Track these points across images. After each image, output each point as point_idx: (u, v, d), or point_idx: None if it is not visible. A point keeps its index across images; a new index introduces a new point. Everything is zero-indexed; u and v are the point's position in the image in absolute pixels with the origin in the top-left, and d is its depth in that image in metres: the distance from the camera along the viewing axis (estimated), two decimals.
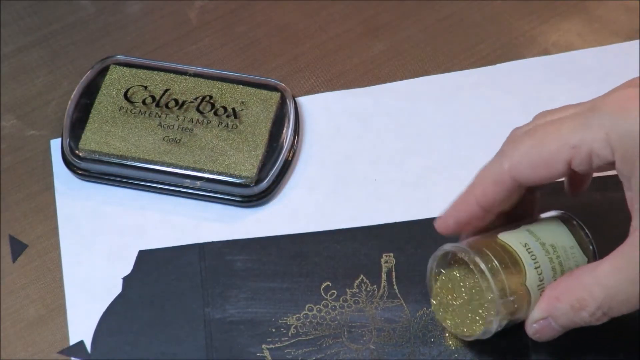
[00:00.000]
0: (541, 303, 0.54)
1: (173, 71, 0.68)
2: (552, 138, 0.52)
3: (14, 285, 0.62)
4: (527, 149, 0.53)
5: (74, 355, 0.59)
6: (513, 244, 0.55)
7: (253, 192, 0.64)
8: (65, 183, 0.66)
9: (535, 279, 0.55)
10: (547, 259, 0.55)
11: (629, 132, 0.49)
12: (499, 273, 0.54)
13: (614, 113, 0.50)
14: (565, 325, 0.54)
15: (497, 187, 0.54)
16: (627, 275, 0.51)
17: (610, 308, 0.52)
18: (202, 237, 0.63)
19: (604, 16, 0.73)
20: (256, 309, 0.60)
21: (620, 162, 0.50)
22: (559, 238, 0.56)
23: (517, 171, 0.53)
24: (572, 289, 0.53)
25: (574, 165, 0.52)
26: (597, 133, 0.50)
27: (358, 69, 0.71)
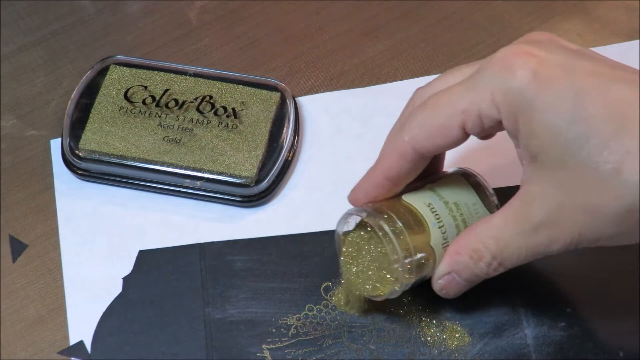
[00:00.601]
0: (444, 259, 0.56)
1: (173, 71, 0.68)
2: (443, 105, 0.53)
3: (14, 285, 0.62)
4: (422, 119, 0.54)
5: (74, 355, 0.59)
6: (417, 204, 0.56)
7: (253, 192, 0.64)
8: (65, 183, 0.66)
9: (439, 238, 0.56)
10: (450, 217, 0.56)
11: (511, 89, 0.50)
12: (403, 234, 0.55)
13: (498, 72, 0.51)
14: (468, 278, 0.55)
15: (401, 160, 0.55)
16: (515, 228, 0.52)
17: (504, 259, 0.53)
18: (202, 237, 0.63)
19: (604, 16, 0.73)
20: (256, 309, 0.60)
21: (506, 120, 0.51)
22: (462, 195, 0.57)
23: (416, 142, 0.54)
24: (469, 242, 0.54)
25: (467, 129, 0.53)
26: (483, 94, 0.51)
27: (358, 69, 0.71)
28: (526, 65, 0.50)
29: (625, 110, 0.48)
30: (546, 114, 0.49)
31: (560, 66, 0.50)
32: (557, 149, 0.50)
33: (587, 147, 0.49)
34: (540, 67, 0.50)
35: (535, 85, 0.50)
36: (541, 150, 0.50)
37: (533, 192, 0.52)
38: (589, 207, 0.50)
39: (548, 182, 0.51)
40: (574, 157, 0.49)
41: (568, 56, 0.51)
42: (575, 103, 0.49)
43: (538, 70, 0.50)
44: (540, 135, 0.50)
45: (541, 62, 0.50)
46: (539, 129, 0.50)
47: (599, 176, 0.49)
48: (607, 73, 0.50)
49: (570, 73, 0.50)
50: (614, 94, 0.49)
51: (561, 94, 0.49)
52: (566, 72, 0.50)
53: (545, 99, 0.49)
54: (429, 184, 0.58)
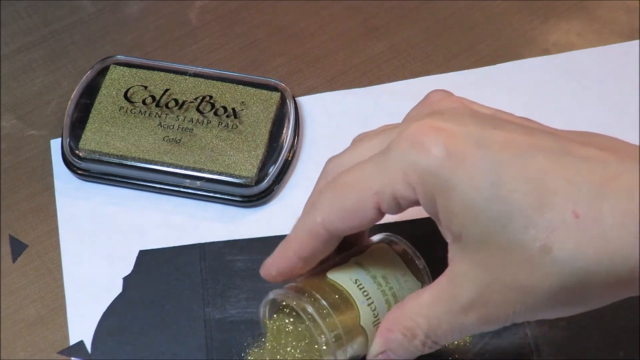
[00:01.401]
0: (377, 338, 0.52)
1: (173, 71, 0.68)
2: (353, 188, 0.50)
3: (14, 285, 0.62)
4: (332, 201, 0.51)
5: (74, 355, 0.59)
6: (343, 282, 0.53)
7: (253, 192, 0.64)
8: (65, 183, 0.66)
9: (369, 316, 0.53)
10: (379, 292, 0.53)
11: (424, 169, 0.47)
12: (331, 316, 0.52)
13: (408, 150, 0.48)
14: (403, 356, 0.52)
15: (314, 240, 0.52)
16: (445, 307, 0.50)
17: (437, 337, 0.51)
18: (202, 237, 0.63)
19: (604, 16, 0.73)
20: (256, 309, 0.60)
21: (423, 200, 0.49)
22: (390, 267, 0.54)
23: (329, 224, 0.51)
24: (401, 319, 0.51)
25: (383, 209, 0.50)
26: (396, 174, 0.48)
27: (358, 69, 0.71)
28: (437, 142, 0.47)
29: (546, 181, 0.46)
30: (464, 194, 0.47)
31: (473, 140, 0.47)
32: (480, 229, 0.47)
33: (510, 226, 0.46)
34: (452, 143, 0.47)
35: (449, 164, 0.47)
36: (463, 231, 0.47)
37: (459, 272, 0.49)
38: (519, 287, 0.47)
39: (473, 261, 0.48)
40: (498, 236, 0.46)
41: (481, 127, 0.48)
42: (493, 179, 0.46)
43: (450, 146, 0.47)
44: (460, 215, 0.47)
45: (452, 137, 0.47)
46: (458, 209, 0.47)
47: (527, 255, 0.46)
48: (523, 142, 0.47)
49: (485, 146, 0.47)
50: (532, 166, 0.46)
51: (477, 171, 0.46)
52: (480, 146, 0.47)
53: (462, 177, 0.47)
54: (354, 257, 0.55)
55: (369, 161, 0.50)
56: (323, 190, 0.52)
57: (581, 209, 0.45)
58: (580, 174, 0.46)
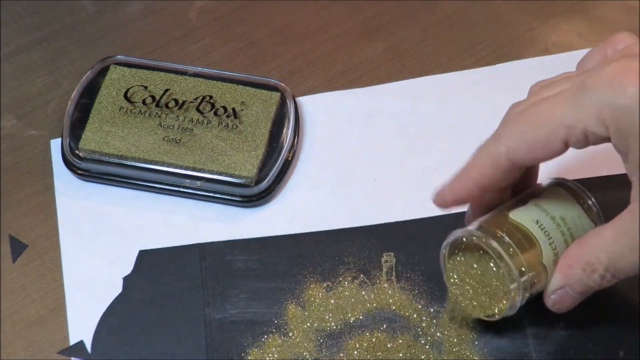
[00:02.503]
0: (557, 273, 0.55)
1: (173, 71, 0.68)
2: (546, 119, 0.52)
3: (14, 285, 0.62)
4: (522, 131, 0.53)
5: (74, 355, 0.59)
6: (526, 222, 0.56)
7: (253, 192, 0.64)
8: (65, 183, 0.66)
9: (550, 255, 0.55)
10: (559, 232, 0.56)
11: (621, 108, 0.50)
12: (517, 255, 0.55)
13: (605, 89, 0.50)
14: (581, 291, 0.55)
15: (495, 169, 0.54)
16: (626, 242, 0.52)
17: (617, 271, 0.53)
18: (202, 237, 0.63)
19: (604, 16, 0.73)
20: (256, 309, 0.60)
21: (615, 138, 0.51)
22: (567, 209, 0.57)
23: (514, 154, 0.53)
24: (581, 255, 0.54)
25: (570, 143, 0.52)
26: (590, 111, 0.50)
27: (358, 69, 0.71)
28: (636, 82, 0.49)
29: None
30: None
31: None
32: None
33: None
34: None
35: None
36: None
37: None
38: None
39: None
40: None
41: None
42: None
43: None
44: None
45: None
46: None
47: None
48: None
49: None
50: None
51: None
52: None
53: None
54: (532, 199, 0.57)
55: (561, 96, 0.52)
56: (510, 120, 0.54)
57: None
58: None
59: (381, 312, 0.60)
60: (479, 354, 0.58)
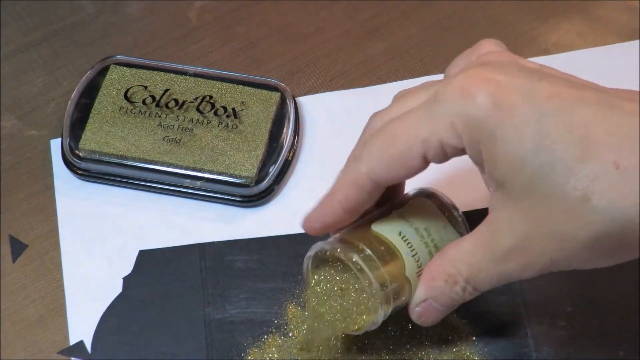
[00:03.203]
0: (420, 286, 0.54)
1: (173, 71, 0.68)
2: (402, 136, 0.51)
3: (14, 285, 0.62)
4: (380, 150, 0.52)
5: (74, 355, 0.59)
6: (388, 234, 0.55)
7: (253, 192, 0.64)
8: (65, 183, 0.66)
9: (413, 267, 0.54)
10: (422, 244, 0.55)
11: (471, 118, 0.49)
12: (378, 267, 0.54)
13: (457, 99, 0.49)
14: (445, 303, 0.54)
15: (358, 191, 0.53)
16: (485, 254, 0.51)
17: (477, 284, 0.52)
18: (202, 237, 0.63)
19: (604, 16, 0.73)
20: (256, 309, 0.60)
21: (469, 149, 0.50)
22: (431, 219, 0.56)
23: (374, 174, 0.52)
24: (443, 266, 0.53)
25: (429, 158, 0.51)
26: (443, 123, 0.50)
27: (358, 69, 0.71)
28: (486, 92, 0.48)
29: (589, 133, 0.47)
30: (509, 144, 0.48)
31: (520, 91, 0.48)
32: (523, 178, 0.48)
33: (552, 175, 0.47)
34: (499, 94, 0.48)
35: (496, 114, 0.48)
36: (506, 180, 0.49)
37: (501, 220, 0.50)
38: (558, 235, 0.48)
39: (515, 210, 0.49)
40: (540, 185, 0.48)
41: (528, 79, 0.49)
42: (537, 130, 0.47)
43: (498, 96, 0.48)
44: (504, 164, 0.49)
45: (501, 88, 0.48)
46: (502, 158, 0.48)
47: (567, 204, 0.47)
48: (568, 94, 0.48)
49: (531, 97, 0.48)
50: (576, 117, 0.47)
51: (523, 122, 0.48)
52: (526, 97, 0.48)
53: (507, 128, 0.48)
54: (396, 210, 0.56)
55: (416, 110, 0.52)
56: (368, 141, 0.53)
57: (622, 160, 0.47)
58: (624, 126, 0.47)
59: None
60: (479, 354, 0.58)
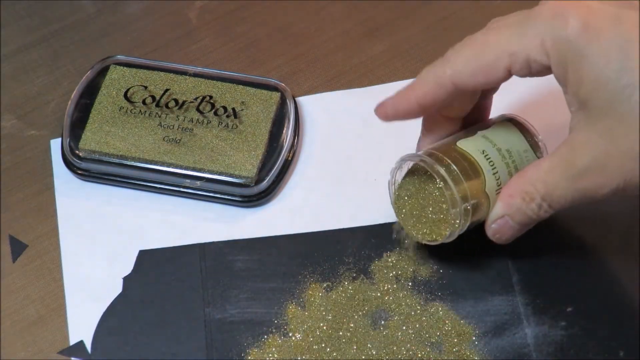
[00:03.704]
0: (498, 202, 0.57)
1: (173, 71, 0.68)
2: (491, 46, 0.54)
3: (14, 285, 0.62)
4: (468, 56, 0.55)
5: (74, 355, 0.59)
6: (471, 151, 0.58)
7: (253, 192, 0.64)
8: (65, 183, 0.66)
9: (493, 184, 0.57)
10: (503, 164, 0.58)
11: (562, 37, 0.52)
12: (460, 180, 0.56)
13: (548, 20, 0.52)
14: (520, 221, 0.56)
15: (438, 90, 0.56)
16: (562, 173, 0.54)
17: (552, 201, 0.55)
18: (202, 237, 0.63)
19: None
20: (256, 309, 0.60)
21: (555, 67, 0.53)
22: (514, 142, 0.59)
23: (458, 78, 0.55)
24: (521, 184, 0.55)
25: (513, 71, 0.54)
26: (533, 40, 0.53)
27: (358, 69, 0.71)
28: (577, 14, 0.51)
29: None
30: (595, 64, 0.51)
31: (610, 17, 0.51)
32: (606, 98, 0.51)
33: (635, 96, 0.50)
34: (590, 17, 0.51)
35: (585, 35, 0.51)
36: (590, 98, 0.52)
37: (580, 139, 0.53)
38: (634, 155, 0.51)
39: (595, 129, 0.52)
40: (622, 105, 0.51)
41: (617, 6, 0.52)
42: (623, 53, 0.50)
43: (588, 20, 0.51)
44: (589, 84, 0.51)
45: (592, 12, 0.51)
46: (588, 78, 0.51)
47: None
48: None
49: (619, 23, 0.51)
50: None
51: (610, 45, 0.50)
52: (615, 23, 0.51)
53: (595, 49, 0.51)
54: (481, 131, 0.59)
55: (507, 26, 0.54)
56: (458, 46, 0.56)
57: None
58: None
59: (381, 311, 0.60)
60: (479, 354, 0.58)
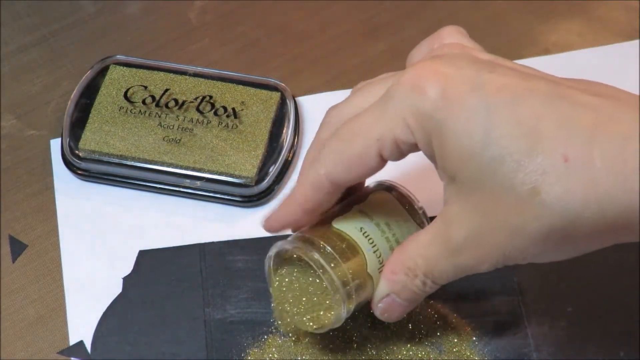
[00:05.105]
0: (382, 281, 0.54)
1: (173, 71, 0.68)
2: (357, 136, 0.51)
3: (14, 285, 0.62)
4: (336, 151, 0.52)
5: (74, 355, 0.59)
6: (349, 230, 0.54)
7: (253, 192, 0.64)
8: (65, 183, 0.66)
9: (375, 262, 0.54)
10: (383, 238, 0.55)
11: (421, 111, 0.48)
12: (339, 264, 0.53)
13: (407, 94, 0.49)
14: (407, 297, 0.54)
15: (318, 193, 0.53)
16: (439, 248, 0.51)
17: (435, 277, 0.52)
18: (202, 237, 0.63)
19: (604, 16, 0.73)
20: (256, 309, 0.60)
21: (421, 144, 0.50)
22: (392, 213, 0.55)
23: (333, 175, 0.52)
24: (402, 260, 0.53)
25: (385, 156, 0.51)
26: (396, 119, 0.49)
27: (358, 69, 0.71)
28: (434, 85, 0.48)
29: (538, 125, 0.46)
30: (458, 137, 0.47)
31: (468, 83, 0.48)
32: (473, 172, 0.48)
33: (501, 169, 0.47)
34: (448, 86, 0.48)
35: (445, 106, 0.48)
36: (457, 173, 0.48)
37: (453, 213, 0.50)
38: (509, 229, 0.48)
39: (466, 203, 0.49)
40: (490, 179, 0.47)
41: (477, 70, 0.48)
42: (486, 123, 0.47)
43: (446, 89, 0.48)
44: (454, 158, 0.48)
45: (449, 81, 0.48)
46: (452, 152, 0.48)
47: (517, 198, 0.47)
48: (518, 86, 0.47)
49: (480, 90, 0.47)
50: (525, 109, 0.47)
51: (471, 115, 0.47)
52: (475, 90, 0.47)
53: (456, 121, 0.47)
54: (357, 205, 0.55)
55: (370, 109, 0.51)
56: (326, 143, 0.53)
57: (571, 153, 0.46)
58: (573, 118, 0.47)
59: None
60: (479, 354, 0.58)
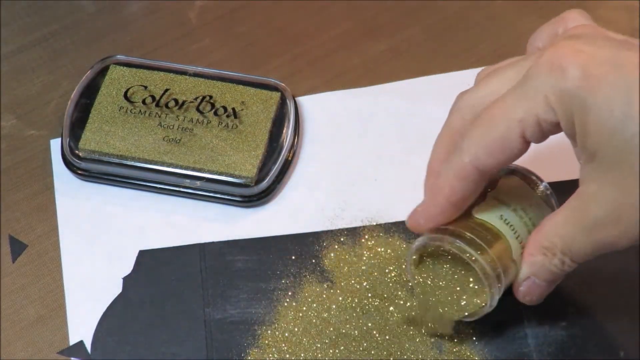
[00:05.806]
0: (523, 264, 0.55)
1: (173, 71, 0.68)
2: (499, 119, 0.52)
3: (14, 285, 0.62)
4: (480, 136, 0.53)
5: (74, 355, 0.59)
6: (491, 219, 0.55)
7: (253, 192, 0.64)
8: (65, 183, 0.66)
9: (518, 248, 0.55)
10: (522, 223, 0.56)
11: (564, 90, 0.49)
12: (487, 254, 0.54)
13: (548, 74, 0.50)
14: (546, 278, 0.54)
15: (465, 183, 0.54)
16: (576, 225, 0.52)
17: (572, 254, 0.53)
18: (202, 237, 0.63)
19: (604, 16, 0.72)
20: (256, 309, 0.60)
21: (563, 122, 0.51)
22: (525, 197, 0.57)
23: (478, 162, 0.53)
24: (539, 241, 0.54)
25: (528, 137, 0.52)
26: (538, 99, 0.50)
27: (358, 69, 0.71)
28: (575, 63, 0.49)
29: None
30: (599, 114, 0.49)
31: (608, 61, 0.49)
32: (613, 149, 0.49)
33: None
34: (589, 65, 0.49)
35: (586, 85, 0.49)
36: (597, 150, 0.50)
37: (591, 191, 0.51)
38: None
39: (606, 180, 0.50)
40: (630, 155, 0.48)
41: (615, 49, 0.50)
42: (626, 100, 0.48)
43: (588, 67, 0.49)
44: (595, 135, 0.49)
45: (590, 59, 0.49)
46: (593, 129, 0.49)
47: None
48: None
49: (619, 68, 0.49)
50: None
51: (612, 92, 0.48)
52: (615, 68, 0.49)
53: (597, 98, 0.49)
54: (490, 192, 0.56)
55: (509, 91, 0.52)
56: (467, 130, 0.53)
57: None
58: None
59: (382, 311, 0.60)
60: (479, 354, 0.58)
